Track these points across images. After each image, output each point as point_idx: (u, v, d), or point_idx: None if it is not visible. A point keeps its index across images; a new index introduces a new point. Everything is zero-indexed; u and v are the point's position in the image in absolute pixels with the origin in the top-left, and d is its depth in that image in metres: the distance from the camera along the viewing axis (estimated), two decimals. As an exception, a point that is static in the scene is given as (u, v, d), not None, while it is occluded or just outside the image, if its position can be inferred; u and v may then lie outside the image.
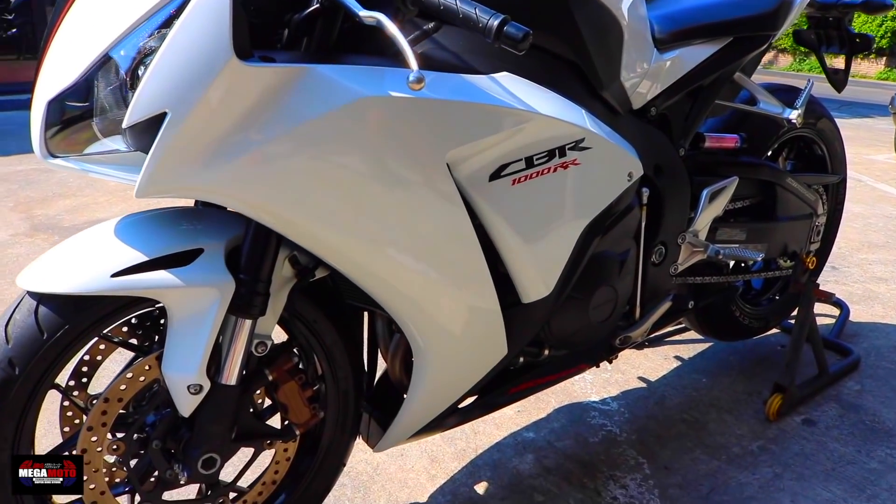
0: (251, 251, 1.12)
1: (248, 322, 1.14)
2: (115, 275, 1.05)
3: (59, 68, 1.00)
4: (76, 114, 1.01)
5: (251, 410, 1.28)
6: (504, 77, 1.15)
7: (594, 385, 2.14)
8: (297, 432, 1.29)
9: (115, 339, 1.18)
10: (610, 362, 1.71)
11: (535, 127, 1.16)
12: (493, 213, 1.18)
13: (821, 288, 2.01)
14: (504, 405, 1.58)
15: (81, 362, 1.19)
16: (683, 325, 2.28)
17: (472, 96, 1.08)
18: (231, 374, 1.15)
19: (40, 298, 1.07)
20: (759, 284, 2.32)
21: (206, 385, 1.13)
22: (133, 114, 0.92)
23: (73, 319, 1.07)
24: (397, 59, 1.11)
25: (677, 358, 2.33)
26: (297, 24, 1.05)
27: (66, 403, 1.21)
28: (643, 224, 1.56)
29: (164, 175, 0.94)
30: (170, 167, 0.93)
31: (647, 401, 2.07)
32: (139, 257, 1.07)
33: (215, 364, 1.15)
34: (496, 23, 0.94)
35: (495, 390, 1.49)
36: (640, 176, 1.38)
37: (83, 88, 0.99)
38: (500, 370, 1.44)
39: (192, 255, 1.10)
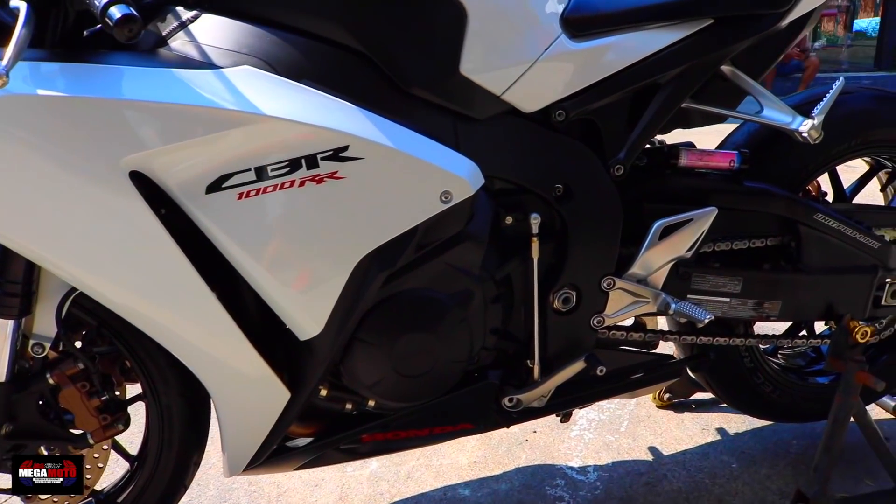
0: (1, 251, 1.10)
1: (9, 322, 1.13)
2: None
3: None
4: None
5: (50, 412, 1.27)
6: (238, 72, 0.98)
7: (587, 447, 1.77)
8: (92, 441, 1.25)
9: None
10: (507, 427, 1.37)
11: (258, 131, 0.97)
12: (218, 231, 1.01)
13: (869, 372, 1.39)
14: (368, 455, 1.36)
15: None
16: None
17: (153, 94, 0.93)
18: (-5, 371, 1.15)
19: None
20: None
21: None
22: None
23: None
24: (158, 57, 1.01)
25: (720, 431, 1.83)
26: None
27: None
28: (535, 260, 1.23)
29: None
30: None
31: (638, 479, 1.66)
32: None
33: None
34: (104, 1, 0.81)
35: (341, 434, 1.29)
36: (470, 196, 1.08)
37: None
38: (323, 413, 1.26)
39: None
